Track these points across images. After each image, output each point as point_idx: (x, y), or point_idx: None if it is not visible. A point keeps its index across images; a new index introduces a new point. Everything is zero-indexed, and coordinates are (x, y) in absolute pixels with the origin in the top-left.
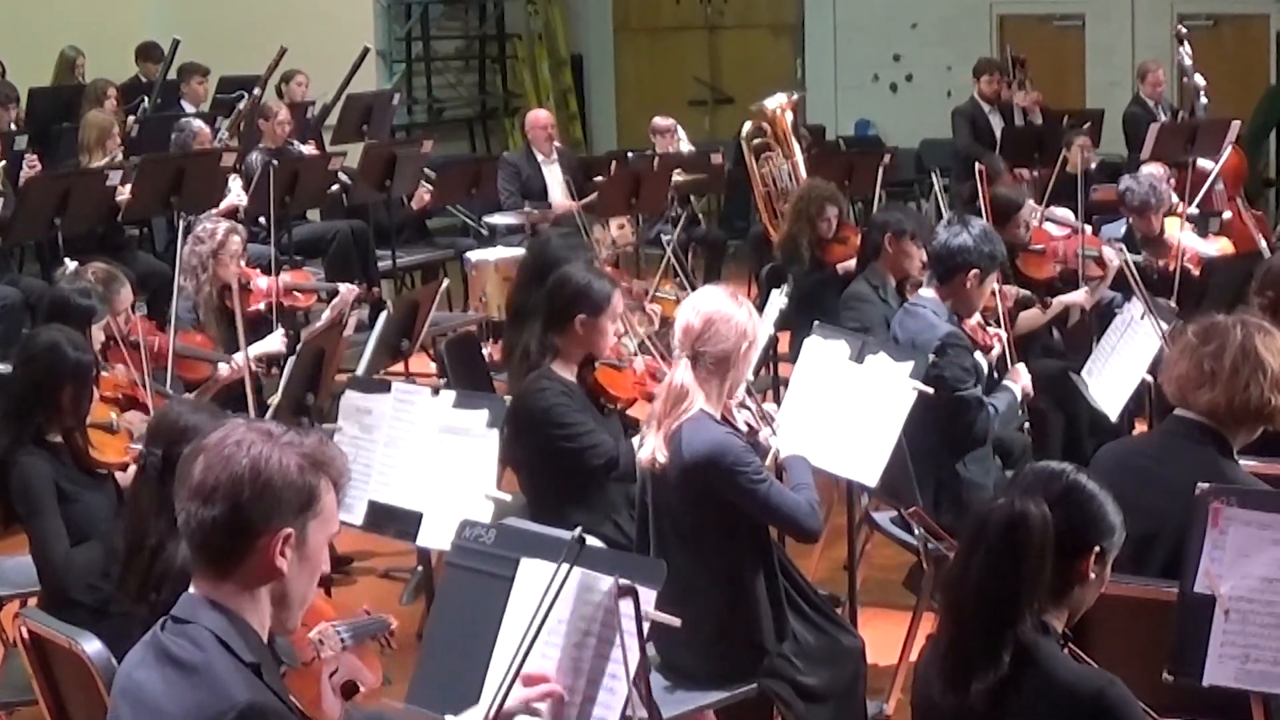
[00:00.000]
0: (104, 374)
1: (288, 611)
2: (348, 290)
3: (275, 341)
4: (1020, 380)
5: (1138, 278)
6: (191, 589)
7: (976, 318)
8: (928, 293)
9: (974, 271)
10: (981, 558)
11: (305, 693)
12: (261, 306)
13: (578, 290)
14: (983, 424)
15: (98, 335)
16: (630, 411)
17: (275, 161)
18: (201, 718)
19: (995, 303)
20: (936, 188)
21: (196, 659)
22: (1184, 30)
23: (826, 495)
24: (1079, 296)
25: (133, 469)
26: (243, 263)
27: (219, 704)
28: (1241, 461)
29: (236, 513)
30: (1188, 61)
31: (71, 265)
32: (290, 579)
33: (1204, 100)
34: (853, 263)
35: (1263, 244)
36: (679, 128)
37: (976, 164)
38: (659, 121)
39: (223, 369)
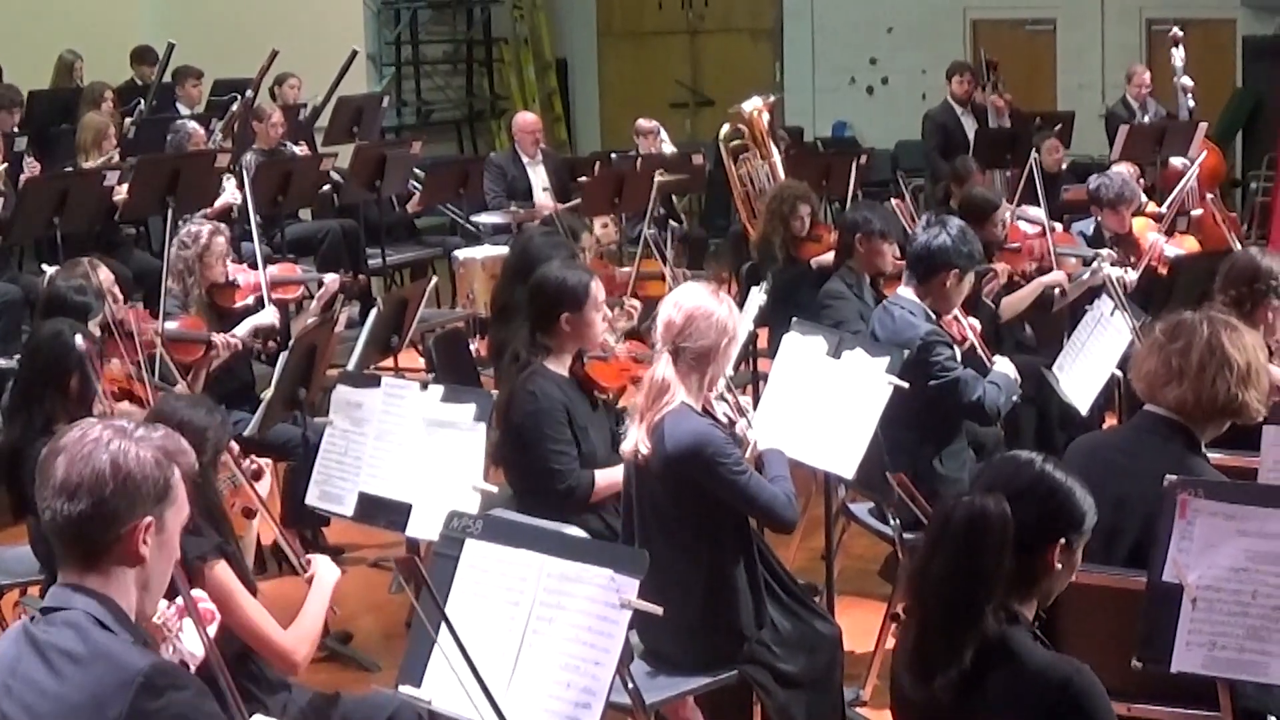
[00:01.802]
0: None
1: (149, 596)
2: (331, 280)
3: (269, 315)
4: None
5: (1117, 291)
6: (59, 581)
7: (954, 312)
8: (906, 292)
9: (954, 271)
10: (943, 555)
11: None
12: (250, 301)
13: (557, 288)
14: (990, 397)
15: (93, 332)
16: (622, 400)
17: (260, 161)
18: (109, 692)
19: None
20: (904, 190)
21: (83, 642)
22: (1180, 34)
23: (804, 487)
24: (1058, 275)
25: None
26: (229, 261)
27: (123, 674)
28: (1209, 454)
29: (101, 505)
30: (1179, 63)
31: (51, 270)
32: (151, 564)
33: (1191, 102)
34: (829, 257)
35: (1235, 244)
36: (662, 129)
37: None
38: (643, 123)
39: (217, 338)
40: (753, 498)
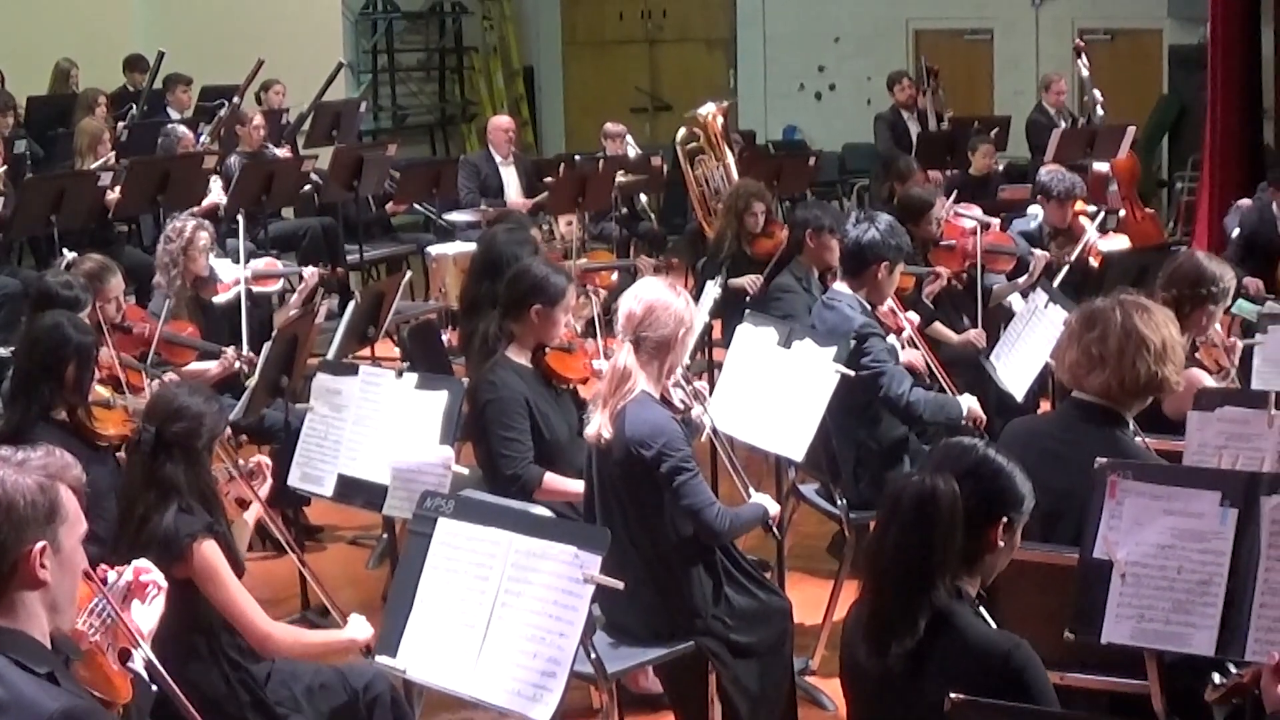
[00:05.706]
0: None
1: (61, 614)
2: (310, 274)
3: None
4: (969, 403)
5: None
6: None
7: (889, 304)
8: (842, 286)
9: (884, 263)
10: (896, 531)
11: (96, 678)
12: (231, 295)
13: (536, 282)
14: (918, 398)
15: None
16: (582, 390)
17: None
18: None
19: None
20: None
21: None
22: (1081, 43)
23: (756, 469)
24: (975, 334)
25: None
26: (212, 256)
27: (33, 718)
28: (1137, 438)
29: None
30: (1085, 73)
31: (70, 255)
32: (55, 584)
33: (1100, 112)
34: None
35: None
36: (628, 133)
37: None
38: (610, 127)
39: (213, 368)
40: (686, 495)
